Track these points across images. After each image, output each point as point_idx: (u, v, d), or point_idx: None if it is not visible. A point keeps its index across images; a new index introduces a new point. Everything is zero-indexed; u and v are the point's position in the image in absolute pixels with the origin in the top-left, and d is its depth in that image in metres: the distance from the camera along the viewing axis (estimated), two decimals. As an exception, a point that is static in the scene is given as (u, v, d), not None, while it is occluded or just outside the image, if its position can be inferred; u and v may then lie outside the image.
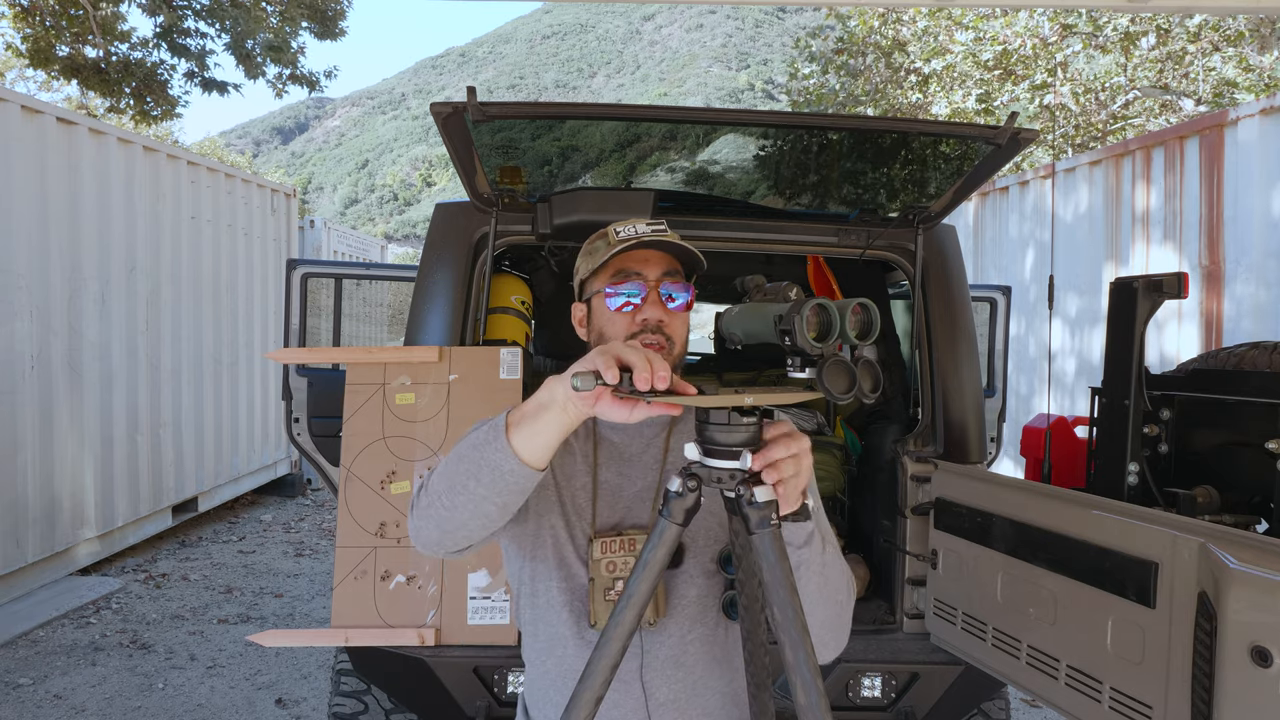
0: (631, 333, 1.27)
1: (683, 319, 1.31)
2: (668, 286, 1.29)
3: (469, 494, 1.09)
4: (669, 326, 1.28)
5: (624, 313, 1.28)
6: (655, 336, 1.27)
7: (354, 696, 2.59)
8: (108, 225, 5.73)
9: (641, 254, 1.28)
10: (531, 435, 1.05)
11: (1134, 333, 2.19)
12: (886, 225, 2.63)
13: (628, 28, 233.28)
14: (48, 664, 4.25)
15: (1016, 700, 3.86)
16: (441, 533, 1.15)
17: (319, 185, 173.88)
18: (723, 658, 1.29)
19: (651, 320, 1.27)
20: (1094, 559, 1.80)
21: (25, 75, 16.57)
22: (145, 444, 6.14)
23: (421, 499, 1.16)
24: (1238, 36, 10.28)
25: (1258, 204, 4.74)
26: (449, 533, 1.15)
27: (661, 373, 0.96)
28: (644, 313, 1.27)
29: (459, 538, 1.15)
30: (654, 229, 1.28)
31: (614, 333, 1.28)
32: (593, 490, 1.30)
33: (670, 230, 1.30)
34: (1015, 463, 6.77)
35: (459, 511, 1.11)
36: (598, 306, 1.31)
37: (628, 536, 1.26)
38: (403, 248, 66.48)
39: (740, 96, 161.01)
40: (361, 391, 2.41)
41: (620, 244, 1.26)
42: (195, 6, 9.64)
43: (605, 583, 1.24)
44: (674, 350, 1.29)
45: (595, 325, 1.32)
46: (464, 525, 1.13)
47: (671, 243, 1.28)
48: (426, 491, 1.15)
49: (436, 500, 1.13)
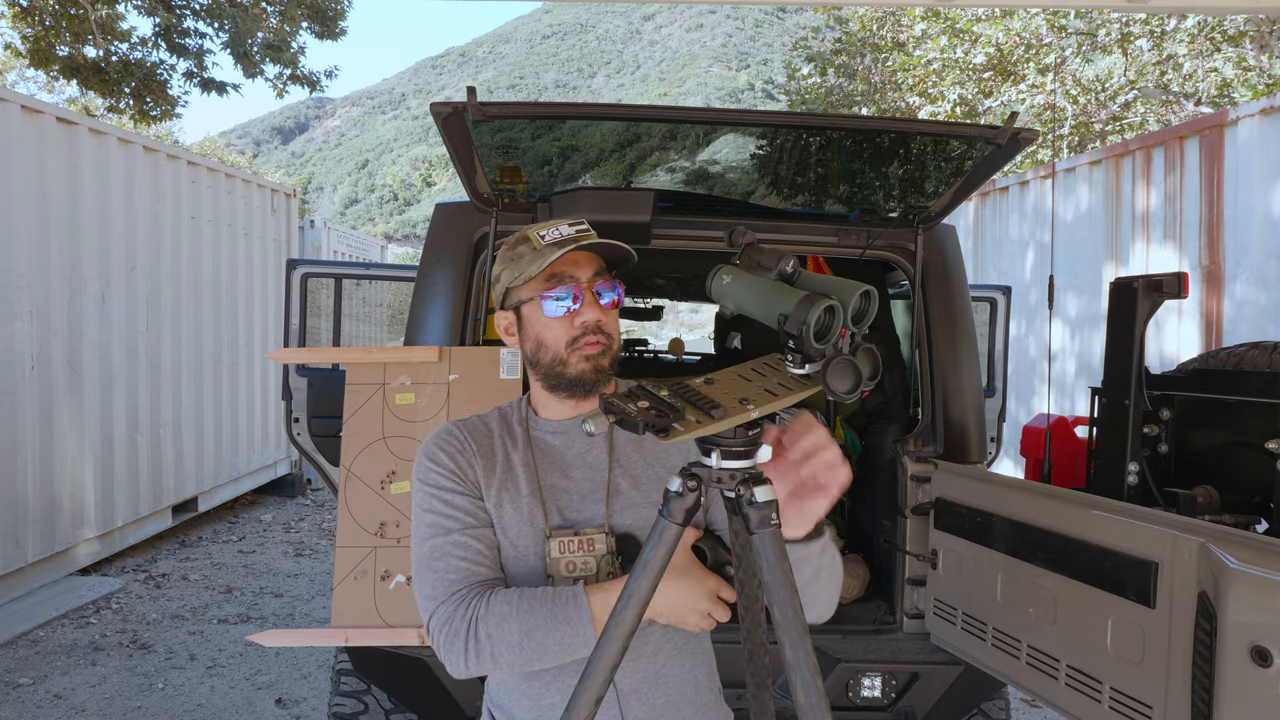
0: (572, 336, 1.28)
1: (615, 316, 1.33)
2: (599, 286, 1.30)
3: (550, 664, 1.22)
4: (606, 325, 1.30)
5: (561, 317, 1.28)
6: (596, 337, 1.28)
7: (354, 696, 2.59)
8: (108, 225, 5.73)
9: (571, 256, 1.28)
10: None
11: (1134, 333, 2.19)
12: (886, 225, 2.63)
13: (628, 28, 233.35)
14: (48, 664, 4.25)
15: (1016, 700, 3.86)
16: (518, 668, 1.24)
17: (319, 185, 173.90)
18: (683, 644, 1.33)
19: (590, 322, 1.28)
20: (1094, 559, 1.80)
21: (25, 75, 16.57)
22: (145, 444, 6.14)
23: (483, 661, 1.21)
24: (1239, 36, 10.28)
25: (1258, 204, 4.74)
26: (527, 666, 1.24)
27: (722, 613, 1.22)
28: (582, 315, 1.28)
29: None
30: (578, 229, 1.29)
31: (552, 338, 1.29)
32: (540, 494, 1.31)
33: (591, 229, 1.31)
34: (1015, 463, 6.77)
35: (539, 668, 1.23)
36: (530, 314, 1.31)
37: (585, 536, 1.28)
38: (403, 248, 66.46)
39: (740, 96, 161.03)
40: (361, 391, 2.41)
41: (552, 248, 1.26)
42: (194, 6, 9.64)
43: (565, 582, 1.26)
44: (612, 347, 1.31)
45: (530, 333, 1.32)
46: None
47: (601, 242, 1.29)
48: (486, 659, 1.21)
49: (510, 667, 1.21)
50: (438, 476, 1.29)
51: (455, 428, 1.35)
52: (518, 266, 1.30)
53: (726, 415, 1.03)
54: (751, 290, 1.16)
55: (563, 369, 1.29)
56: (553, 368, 1.30)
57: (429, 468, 1.30)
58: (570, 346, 1.28)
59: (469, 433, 1.35)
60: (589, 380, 1.30)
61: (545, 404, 1.37)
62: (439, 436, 1.34)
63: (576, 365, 1.29)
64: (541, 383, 1.34)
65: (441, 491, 1.29)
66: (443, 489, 1.29)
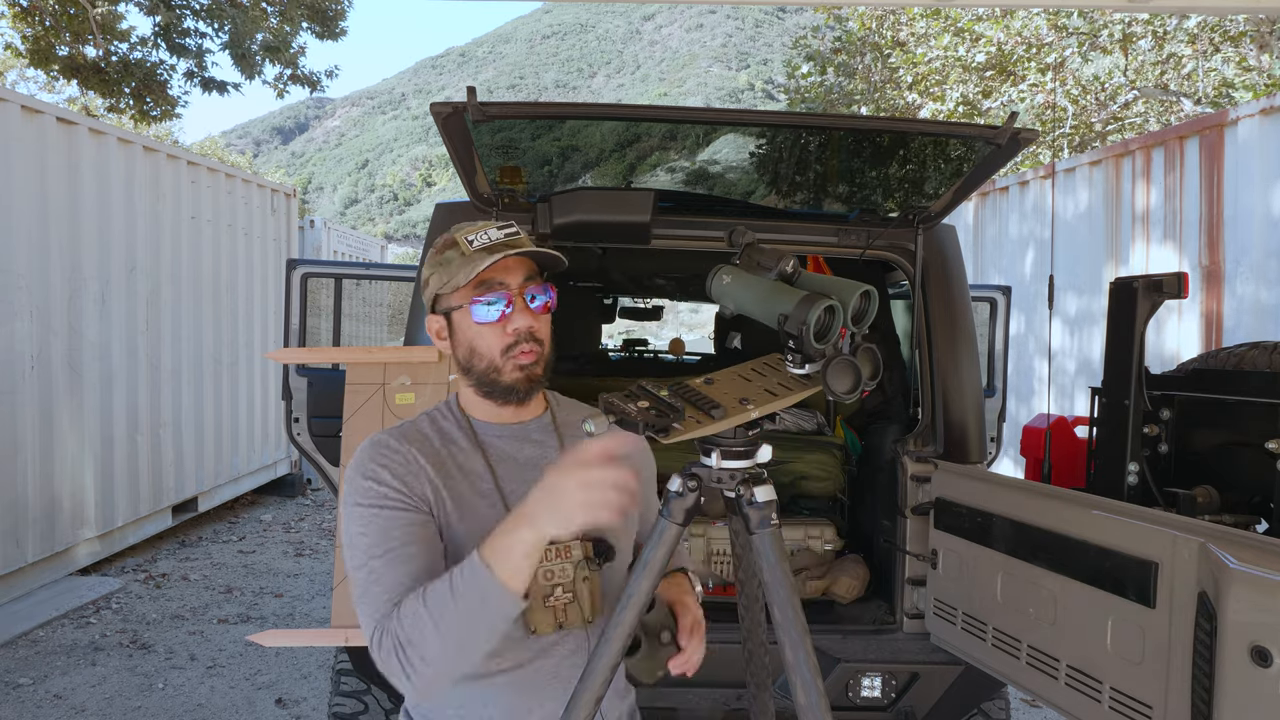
0: (505, 344, 1.26)
1: (547, 321, 1.30)
2: (530, 290, 1.27)
3: (483, 644, 1.12)
4: (538, 331, 1.28)
5: (493, 324, 1.25)
6: (529, 344, 1.26)
7: (354, 696, 2.59)
8: (108, 225, 5.73)
9: (502, 262, 1.23)
10: (522, 567, 1.07)
11: (1134, 333, 2.19)
12: (886, 225, 2.63)
13: (628, 28, 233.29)
14: (48, 664, 4.25)
15: (1016, 700, 3.86)
16: (460, 671, 1.16)
17: (319, 185, 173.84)
18: None
19: (523, 329, 1.26)
20: (1094, 559, 1.80)
21: (25, 75, 16.57)
22: (145, 444, 6.14)
23: (419, 670, 1.12)
24: (1239, 36, 10.28)
25: (1258, 204, 4.74)
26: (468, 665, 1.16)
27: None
28: (514, 322, 1.25)
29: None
30: (506, 233, 1.26)
31: (485, 346, 1.26)
32: (504, 503, 1.26)
33: (521, 232, 1.28)
34: (1015, 463, 6.77)
35: (475, 654, 1.13)
36: (461, 321, 1.27)
37: (559, 544, 1.21)
38: (403, 248, 66.41)
39: (740, 96, 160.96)
40: (361, 391, 2.41)
41: (481, 254, 1.22)
42: (194, 6, 9.64)
43: (543, 590, 1.21)
44: (544, 351, 1.29)
45: (462, 339, 1.28)
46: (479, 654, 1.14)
47: (532, 250, 1.26)
48: (420, 666, 1.11)
49: (443, 664, 1.12)
50: (379, 495, 1.21)
51: (392, 440, 1.27)
52: (446, 272, 1.26)
53: (726, 415, 1.03)
54: (751, 290, 1.16)
55: (497, 376, 1.27)
56: (486, 375, 1.27)
57: (368, 488, 1.21)
58: (505, 354, 1.26)
59: (408, 441, 1.27)
60: (522, 389, 1.27)
61: (480, 408, 1.33)
62: (376, 452, 1.25)
63: (510, 374, 1.26)
64: (475, 389, 1.30)
65: (384, 511, 1.20)
66: (385, 508, 1.20)
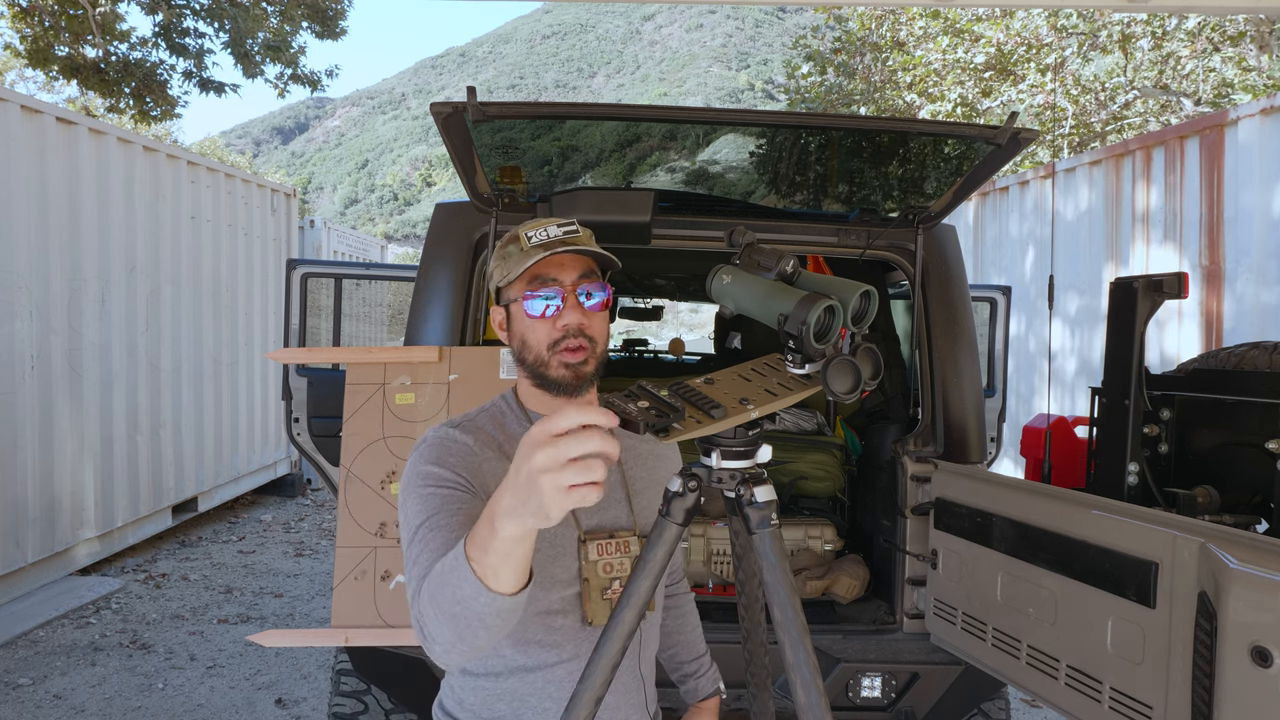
0: (553, 339, 1.27)
1: (601, 318, 1.32)
2: (585, 287, 1.29)
3: (480, 634, 0.99)
4: (590, 329, 1.29)
5: (544, 319, 1.27)
6: (577, 340, 1.27)
7: (354, 696, 2.59)
8: (108, 225, 5.73)
9: (556, 258, 1.27)
10: (499, 567, 0.92)
11: (1134, 333, 2.19)
12: (886, 225, 2.63)
13: (628, 28, 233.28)
14: (48, 664, 4.25)
15: (1016, 700, 3.86)
16: (469, 654, 1.04)
17: (319, 185, 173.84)
18: (650, 631, 1.41)
19: (572, 325, 1.27)
20: (1094, 559, 1.80)
21: (25, 75, 16.57)
22: (145, 444, 6.14)
23: (431, 646, 1.04)
24: (1239, 36, 10.28)
25: (1258, 204, 4.74)
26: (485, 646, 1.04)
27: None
28: (564, 319, 1.27)
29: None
30: (566, 230, 1.28)
31: (535, 339, 1.28)
32: None
33: (582, 230, 1.30)
34: (1015, 463, 6.77)
35: (476, 642, 1.01)
36: (517, 313, 1.31)
37: (620, 539, 1.29)
38: (403, 248, 66.46)
39: (740, 96, 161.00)
40: (361, 391, 2.41)
41: (537, 250, 1.25)
42: (194, 6, 9.64)
43: (602, 583, 1.27)
44: (596, 350, 1.30)
45: (516, 331, 1.32)
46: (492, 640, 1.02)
47: (583, 250, 1.27)
48: (431, 643, 1.03)
49: (449, 644, 1.02)
50: (438, 478, 1.21)
51: (457, 433, 1.29)
52: (506, 265, 1.30)
53: (726, 415, 1.03)
54: (751, 290, 1.16)
55: (544, 370, 1.29)
56: (535, 368, 1.30)
57: (428, 472, 1.22)
58: (551, 349, 1.27)
59: (468, 433, 1.30)
60: (569, 384, 1.28)
61: (537, 400, 1.35)
62: (441, 447, 1.26)
63: (556, 369, 1.28)
64: (530, 380, 1.33)
65: (440, 490, 1.20)
66: (442, 488, 1.20)
